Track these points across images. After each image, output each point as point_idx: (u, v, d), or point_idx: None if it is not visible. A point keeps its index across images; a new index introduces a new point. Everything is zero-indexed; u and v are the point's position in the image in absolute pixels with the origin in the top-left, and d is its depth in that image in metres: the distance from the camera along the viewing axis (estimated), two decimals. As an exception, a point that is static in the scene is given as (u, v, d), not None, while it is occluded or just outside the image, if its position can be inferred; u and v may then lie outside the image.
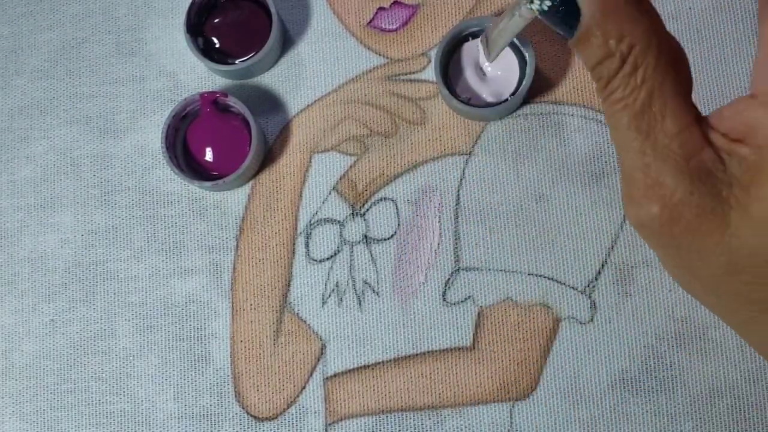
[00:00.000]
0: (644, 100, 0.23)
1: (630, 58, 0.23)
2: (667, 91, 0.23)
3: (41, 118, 0.43)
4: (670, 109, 0.23)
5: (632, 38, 0.23)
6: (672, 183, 0.23)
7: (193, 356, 0.40)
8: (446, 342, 0.39)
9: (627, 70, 0.23)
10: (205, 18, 0.42)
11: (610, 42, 0.23)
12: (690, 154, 0.23)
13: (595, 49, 0.24)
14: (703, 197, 0.23)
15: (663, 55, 0.23)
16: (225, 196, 0.41)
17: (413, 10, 0.42)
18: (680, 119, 0.23)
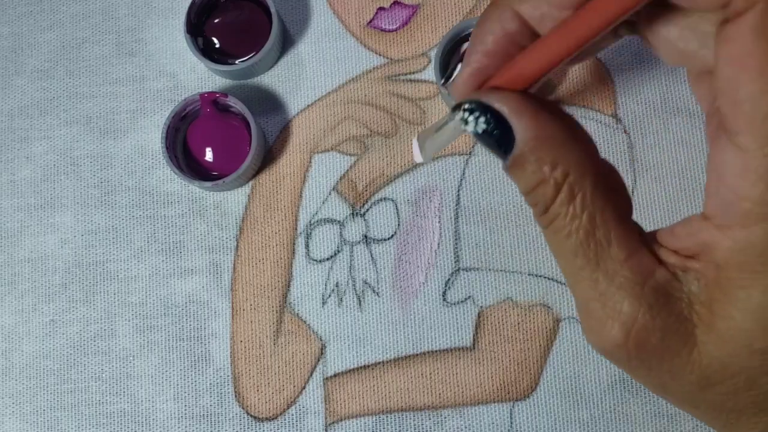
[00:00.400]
0: (587, 228, 0.23)
1: (565, 186, 0.23)
2: (609, 217, 0.23)
3: (41, 118, 0.43)
4: (615, 235, 0.23)
5: (566, 165, 0.23)
6: (630, 310, 0.22)
7: (193, 356, 0.40)
8: (446, 342, 0.39)
9: (564, 197, 0.23)
10: (205, 18, 0.42)
11: (544, 168, 0.23)
12: (643, 278, 0.22)
13: (529, 175, 0.23)
14: (665, 319, 0.22)
15: (600, 182, 0.23)
16: (225, 196, 0.41)
17: (413, 10, 0.42)
18: (627, 244, 0.23)
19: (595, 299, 0.23)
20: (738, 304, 0.21)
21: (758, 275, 0.21)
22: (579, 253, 0.23)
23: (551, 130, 0.23)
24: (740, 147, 0.20)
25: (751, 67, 0.20)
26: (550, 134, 0.23)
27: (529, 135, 0.23)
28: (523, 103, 0.23)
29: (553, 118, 0.23)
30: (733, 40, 0.20)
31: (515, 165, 0.24)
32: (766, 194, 0.20)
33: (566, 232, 0.23)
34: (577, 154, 0.23)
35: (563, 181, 0.23)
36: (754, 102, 0.20)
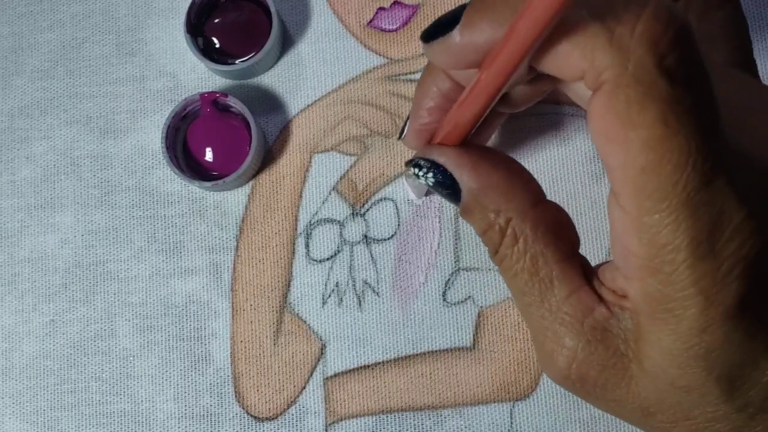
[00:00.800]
0: (530, 269, 0.24)
1: (508, 230, 0.25)
2: (551, 258, 0.24)
3: (41, 118, 0.43)
4: (556, 275, 0.24)
5: (508, 212, 0.25)
6: (571, 345, 0.24)
7: (193, 356, 0.40)
8: (446, 342, 0.39)
9: (508, 241, 0.25)
10: (205, 18, 0.42)
11: (489, 215, 0.25)
12: (582, 315, 0.24)
13: (477, 221, 0.25)
14: (602, 354, 0.24)
15: (541, 226, 0.25)
16: (225, 196, 0.41)
17: (413, 10, 0.42)
18: (568, 283, 0.24)
19: (542, 333, 0.25)
20: (654, 345, 0.22)
21: (661, 322, 0.22)
22: (526, 291, 0.25)
23: (491, 180, 0.25)
24: (624, 209, 0.21)
25: (612, 141, 0.21)
26: (490, 184, 0.25)
27: (471, 186, 0.25)
28: (463, 157, 0.25)
29: (493, 168, 0.25)
30: (593, 114, 0.21)
31: (465, 212, 0.26)
32: (651, 252, 0.21)
33: (513, 272, 0.25)
34: (518, 200, 0.25)
35: (506, 226, 0.25)
36: (623, 171, 0.21)
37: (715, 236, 0.20)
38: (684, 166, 0.20)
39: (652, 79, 0.20)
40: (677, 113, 0.20)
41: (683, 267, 0.21)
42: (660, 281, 0.21)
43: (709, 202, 0.20)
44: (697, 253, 0.20)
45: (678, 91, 0.20)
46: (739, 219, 0.20)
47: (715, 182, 0.20)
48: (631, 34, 0.20)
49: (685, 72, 0.20)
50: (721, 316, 0.21)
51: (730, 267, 0.21)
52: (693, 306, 0.21)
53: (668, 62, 0.20)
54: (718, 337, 0.21)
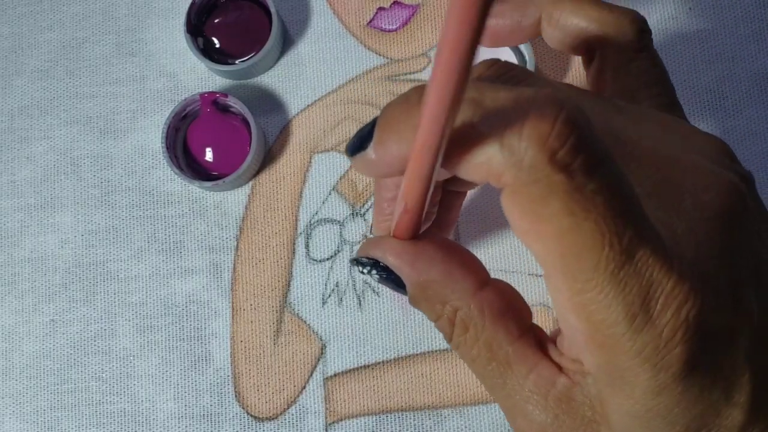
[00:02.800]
0: (486, 354, 0.25)
1: (457, 319, 0.25)
2: (503, 340, 0.25)
3: (41, 118, 0.43)
4: (512, 356, 0.25)
5: (453, 303, 0.25)
6: (540, 419, 0.24)
7: (193, 356, 0.40)
8: (446, 342, 0.39)
9: (459, 330, 0.25)
10: (205, 18, 0.42)
11: (436, 306, 0.25)
12: (545, 390, 0.24)
13: (427, 312, 0.26)
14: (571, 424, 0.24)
15: (488, 309, 0.25)
16: (225, 196, 0.41)
17: (413, 10, 0.42)
18: (525, 361, 0.25)
19: (511, 412, 0.25)
20: (616, 410, 0.23)
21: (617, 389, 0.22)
22: (486, 375, 0.25)
23: (431, 274, 0.25)
24: (557, 290, 0.22)
25: (525, 234, 0.21)
26: (429, 278, 0.25)
27: (412, 281, 0.26)
28: (401, 254, 0.26)
29: (430, 262, 0.25)
30: (505, 211, 0.21)
31: (413, 304, 0.26)
32: (591, 328, 0.21)
33: (471, 357, 0.25)
34: (460, 290, 0.25)
35: (454, 316, 0.25)
36: (545, 260, 0.21)
37: (650, 305, 0.21)
38: (600, 248, 0.20)
39: (547, 175, 0.20)
40: (580, 201, 0.20)
41: (624, 339, 0.21)
42: (607, 353, 0.22)
43: (636, 274, 0.20)
44: (635, 324, 0.21)
45: (577, 180, 0.20)
46: (670, 285, 0.21)
47: (638, 255, 0.20)
48: (520, 137, 0.20)
49: (582, 161, 0.20)
50: (673, 379, 0.21)
51: (671, 332, 0.21)
52: (642, 373, 0.21)
53: (560, 156, 0.20)
54: (674, 398, 0.22)
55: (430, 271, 0.25)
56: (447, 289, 0.25)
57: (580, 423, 0.24)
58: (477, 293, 0.25)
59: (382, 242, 0.26)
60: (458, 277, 0.25)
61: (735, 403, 0.22)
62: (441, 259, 0.26)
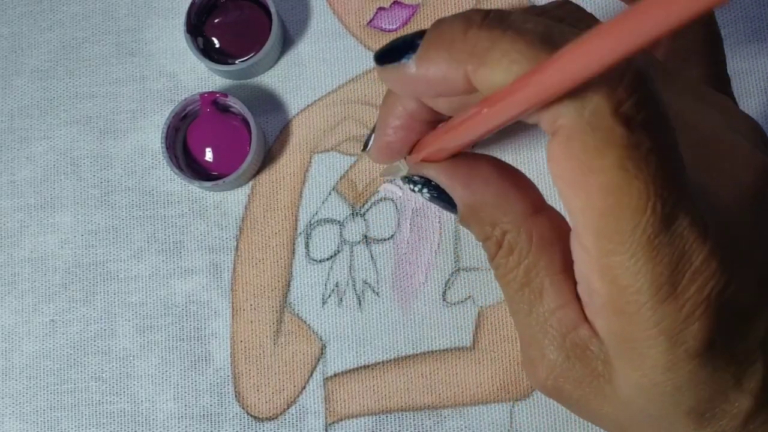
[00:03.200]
0: (522, 279, 0.25)
1: (504, 242, 0.25)
2: (543, 271, 0.25)
3: (41, 118, 0.43)
4: (547, 287, 0.25)
5: (503, 225, 0.25)
6: (553, 357, 0.24)
7: (193, 356, 0.40)
8: (446, 342, 0.39)
9: (503, 252, 0.25)
10: (205, 18, 0.42)
11: (486, 228, 0.25)
12: (566, 331, 0.24)
13: (476, 232, 0.26)
14: (579, 371, 0.24)
15: (537, 237, 0.25)
16: (225, 196, 0.41)
17: (413, 10, 0.42)
18: (556, 297, 0.24)
19: (527, 341, 0.25)
20: (622, 378, 0.23)
21: (626, 358, 0.22)
22: (516, 300, 0.25)
23: (485, 196, 0.25)
24: (586, 249, 0.22)
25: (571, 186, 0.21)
26: (483, 200, 0.25)
27: (464, 203, 0.25)
28: (455, 174, 0.25)
29: (485, 183, 0.25)
30: (552, 159, 0.21)
31: (463, 222, 0.26)
32: (613, 292, 0.21)
33: (506, 280, 0.25)
34: (512, 213, 0.25)
35: (503, 238, 0.25)
36: (583, 215, 0.21)
37: (677, 278, 0.21)
38: (643, 211, 0.20)
39: (608, 125, 0.20)
40: (635, 159, 0.20)
41: (645, 309, 0.21)
42: (623, 320, 0.22)
43: (670, 244, 0.20)
44: (659, 295, 0.21)
45: (636, 136, 0.20)
46: (700, 260, 0.21)
47: (675, 224, 0.20)
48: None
49: (643, 117, 0.20)
50: (686, 356, 0.21)
51: (693, 308, 0.21)
52: (656, 346, 0.21)
53: (625, 108, 0.20)
54: (683, 375, 0.22)
55: (484, 193, 0.25)
56: (498, 211, 0.25)
57: (588, 373, 0.24)
58: (529, 218, 0.25)
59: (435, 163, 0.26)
60: (512, 200, 0.25)
61: (744, 390, 0.22)
62: (496, 181, 0.25)
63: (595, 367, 0.24)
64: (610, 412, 0.24)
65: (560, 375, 0.24)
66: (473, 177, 0.25)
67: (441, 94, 0.23)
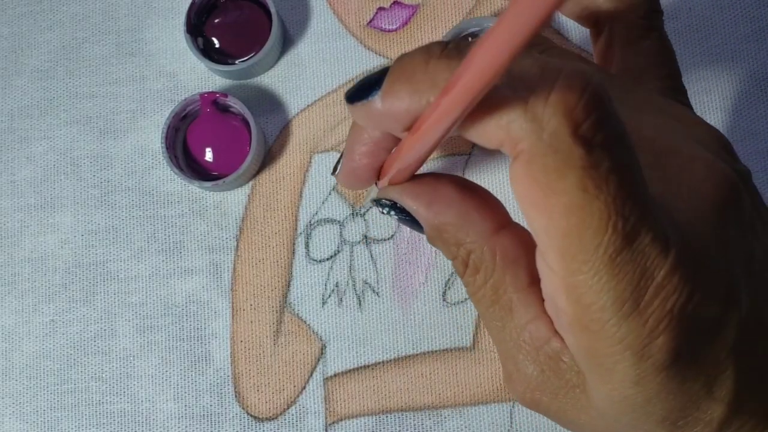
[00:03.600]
0: (491, 297, 0.25)
1: (470, 262, 0.25)
2: (510, 287, 0.25)
3: (41, 118, 0.43)
4: (515, 303, 0.25)
5: (467, 245, 0.25)
6: (528, 370, 0.25)
7: (193, 356, 0.40)
8: (446, 342, 0.39)
9: (470, 271, 0.26)
10: (205, 18, 0.42)
11: (451, 248, 0.26)
12: (538, 345, 0.25)
13: (443, 251, 0.26)
14: (555, 383, 0.24)
15: (499, 257, 0.25)
16: (225, 196, 0.41)
17: (413, 10, 0.42)
18: (525, 313, 0.25)
19: (504, 356, 0.26)
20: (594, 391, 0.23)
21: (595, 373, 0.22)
22: (488, 317, 0.25)
23: (446, 217, 0.26)
24: (550, 268, 0.22)
25: (534, 206, 0.21)
26: (446, 221, 0.26)
27: (428, 224, 0.26)
28: (418, 196, 0.26)
29: (447, 204, 0.26)
30: (514, 180, 0.21)
31: (431, 242, 0.27)
32: (578, 310, 0.21)
33: (477, 298, 0.26)
34: (475, 233, 0.25)
35: (467, 258, 0.25)
36: (546, 234, 0.21)
37: (640, 294, 0.21)
38: (604, 230, 0.20)
39: (567, 147, 0.20)
40: (595, 178, 0.20)
41: (609, 325, 0.21)
42: (589, 337, 0.22)
43: (632, 261, 0.21)
44: (622, 312, 0.21)
45: (595, 156, 0.20)
46: (662, 275, 0.21)
47: (637, 242, 0.21)
48: (545, 104, 0.20)
49: (602, 137, 0.20)
50: (653, 369, 0.21)
51: (656, 322, 0.21)
52: (623, 361, 0.21)
53: (583, 129, 0.20)
54: (652, 388, 0.22)
55: (446, 214, 0.25)
56: (462, 232, 0.25)
57: (563, 385, 0.24)
58: (492, 237, 0.25)
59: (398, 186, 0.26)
60: (474, 220, 0.25)
61: (716, 398, 0.22)
62: (458, 202, 0.26)
63: (569, 379, 0.24)
64: (588, 422, 0.24)
65: (536, 388, 0.25)
66: (435, 198, 0.26)
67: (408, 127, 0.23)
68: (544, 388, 0.25)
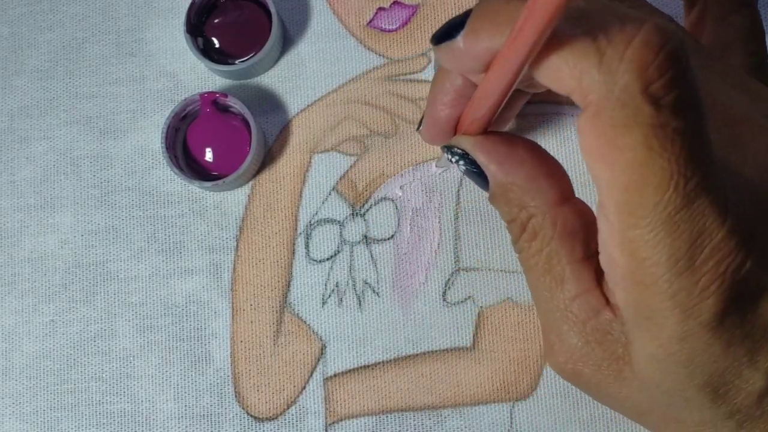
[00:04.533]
0: (544, 266, 0.25)
1: (529, 226, 0.25)
2: (565, 258, 0.25)
3: (41, 119, 0.43)
4: (568, 275, 0.25)
5: (529, 209, 0.25)
6: (572, 342, 0.25)
7: (193, 356, 0.40)
8: (446, 342, 0.39)
9: (527, 236, 0.26)
10: (205, 18, 0.42)
11: (513, 209, 0.26)
12: (587, 317, 0.25)
13: (502, 212, 0.27)
14: (599, 355, 0.25)
15: (561, 225, 0.25)
16: (225, 196, 0.41)
17: (413, 10, 0.42)
18: (578, 284, 0.25)
19: (548, 326, 0.26)
20: (639, 351, 0.23)
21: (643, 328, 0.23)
22: (538, 285, 0.26)
23: (517, 177, 0.26)
24: (608, 221, 0.22)
25: (598, 159, 0.21)
26: (515, 181, 0.26)
27: (496, 181, 0.26)
28: (492, 151, 0.26)
29: (519, 164, 0.26)
30: (581, 132, 0.21)
31: (492, 201, 0.27)
32: (632, 265, 0.22)
33: (529, 265, 0.26)
34: (541, 199, 0.25)
35: (527, 222, 0.25)
36: (607, 187, 0.21)
37: (695, 253, 0.21)
38: (665, 188, 0.21)
39: (637, 104, 0.20)
40: (660, 137, 0.20)
41: (662, 281, 0.21)
42: (641, 291, 0.22)
43: (690, 220, 0.21)
44: (676, 268, 0.21)
45: (663, 116, 0.20)
46: (718, 238, 0.21)
47: (697, 203, 0.21)
48: (620, 58, 0.20)
49: (673, 98, 0.20)
50: (700, 328, 0.22)
51: (708, 283, 0.21)
52: (672, 317, 0.22)
53: (655, 88, 0.20)
54: (697, 347, 0.22)
55: (516, 174, 0.26)
56: (528, 195, 0.25)
57: (608, 356, 0.24)
58: (556, 206, 0.25)
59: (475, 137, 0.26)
60: (542, 186, 0.25)
61: (759, 368, 0.22)
62: (529, 164, 0.26)
63: (615, 350, 0.24)
64: (629, 395, 0.24)
65: (579, 359, 0.25)
66: (509, 157, 0.26)
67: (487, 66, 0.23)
68: (587, 360, 0.25)
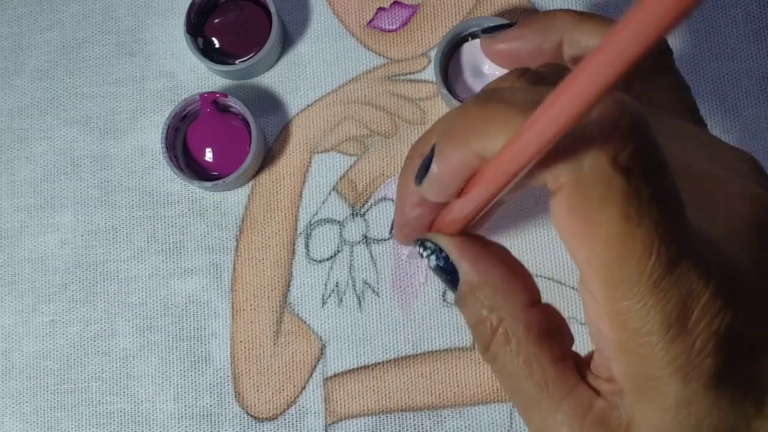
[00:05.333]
0: (524, 371, 0.25)
1: (500, 330, 0.25)
2: (545, 360, 0.25)
3: (41, 118, 0.43)
4: (551, 377, 0.25)
5: (501, 311, 0.25)
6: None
7: (193, 356, 0.40)
8: (446, 342, 0.39)
9: (500, 340, 0.25)
10: (205, 18, 0.42)
11: (482, 311, 0.25)
12: (582, 413, 0.24)
13: (470, 313, 0.26)
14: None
15: (534, 328, 0.25)
16: (225, 196, 0.41)
17: (413, 10, 0.42)
18: (563, 384, 0.24)
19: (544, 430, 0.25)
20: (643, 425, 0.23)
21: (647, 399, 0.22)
22: (521, 393, 0.25)
23: (489, 277, 0.25)
24: (593, 297, 0.22)
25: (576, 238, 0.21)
26: (488, 281, 0.25)
27: (468, 279, 0.26)
28: (466, 249, 0.26)
29: (492, 265, 0.26)
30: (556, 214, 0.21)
31: (459, 302, 0.26)
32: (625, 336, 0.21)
33: (507, 372, 0.25)
34: (513, 301, 0.25)
35: (498, 325, 0.25)
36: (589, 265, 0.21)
37: (686, 316, 0.21)
38: (648, 256, 0.20)
39: (608, 177, 0.20)
40: (637, 207, 0.20)
41: (657, 349, 0.21)
42: (638, 362, 0.22)
43: (676, 284, 0.21)
44: (669, 335, 0.21)
45: (635, 184, 0.20)
46: (706, 297, 0.21)
47: (680, 265, 0.21)
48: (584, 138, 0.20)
49: (642, 165, 0.20)
50: (704, 389, 0.22)
51: (703, 343, 0.21)
52: (673, 383, 0.22)
53: (622, 158, 0.20)
54: (704, 407, 0.22)
55: (489, 274, 0.25)
56: (500, 297, 0.25)
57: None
58: (527, 309, 0.25)
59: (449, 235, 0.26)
60: (515, 288, 0.25)
61: (766, 416, 0.22)
62: (501, 266, 0.26)
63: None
64: None
65: None
66: (482, 257, 0.26)
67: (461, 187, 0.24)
68: None
